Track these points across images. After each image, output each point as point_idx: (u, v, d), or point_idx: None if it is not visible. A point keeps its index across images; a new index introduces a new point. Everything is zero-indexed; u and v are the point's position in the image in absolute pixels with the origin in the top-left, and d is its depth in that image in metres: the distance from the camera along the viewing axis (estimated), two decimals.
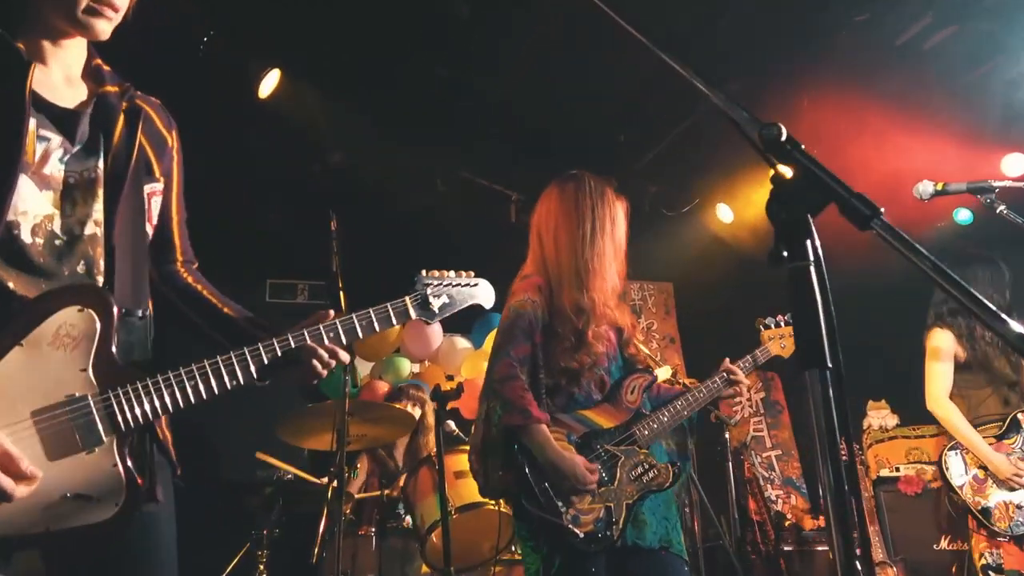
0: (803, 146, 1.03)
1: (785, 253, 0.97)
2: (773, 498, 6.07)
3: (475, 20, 4.33)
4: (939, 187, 2.66)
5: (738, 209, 6.04)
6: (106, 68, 1.51)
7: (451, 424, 4.04)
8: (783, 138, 1.02)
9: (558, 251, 2.57)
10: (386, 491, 4.08)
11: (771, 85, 4.81)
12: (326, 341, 1.50)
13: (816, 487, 6.24)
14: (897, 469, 5.21)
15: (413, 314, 1.67)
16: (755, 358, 2.86)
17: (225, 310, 1.60)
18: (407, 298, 1.67)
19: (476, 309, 1.87)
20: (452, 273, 1.77)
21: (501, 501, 3.67)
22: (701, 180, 5.90)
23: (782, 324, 2.99)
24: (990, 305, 0.90)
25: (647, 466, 2.49)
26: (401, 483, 4.06)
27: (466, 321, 5.47)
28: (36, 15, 1.39)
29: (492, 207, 5.64)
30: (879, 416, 5.77)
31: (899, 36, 4.60)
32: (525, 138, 5.21)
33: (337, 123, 4.69)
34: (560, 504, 2.32)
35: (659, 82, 4.83)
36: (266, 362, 1.43)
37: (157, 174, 1.54)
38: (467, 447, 3.94)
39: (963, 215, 5.37)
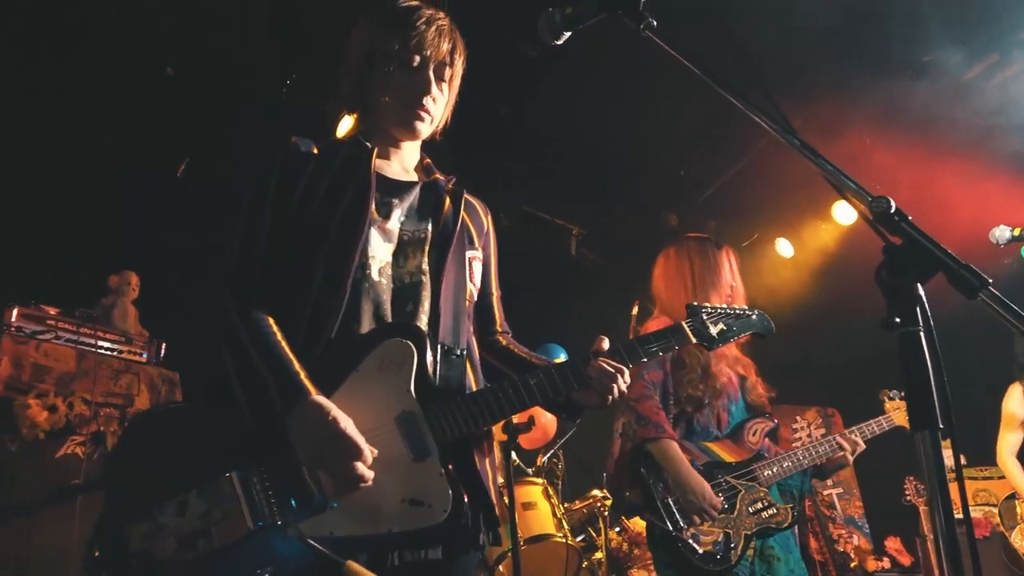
0: (910, 217, 1.10)
1: (897, 319, 1.03)
2: (835, 538, 5.96)
3: (538, 57, 4.46)
4: (1016, 232, 2.67)
5: (798, 243, 6.04)
6: (434, 167, 1.86)
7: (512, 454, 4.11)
8: (892, 210, 1.10)
9: (674, 297, 2.89)
10: None
11: (834, 124, 4.84)
12: (609, 366, 1.65)
13: (879, 527, 6.12)
14: None
15: (692, 339, 1.82)
16: (877, 425, 2.97)
17: (533, 360, 1.81)
18: (683, 323, 1.83)
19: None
20: (724, 305, 1.97)
21: (567, 533, 3.74)
22: (761, 215, 5.91)
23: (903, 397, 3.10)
24: None
25: (766, 503, 2.64)
26: None
27: None
28: (380, 129, 1.76)
29: (554, 240, 5.74)
30: (945, 456, 5.66)
31: (964, 74, 4.60)
32: (586, 173, 5.31)
33: None
34: (682, 521, 2.49)
35: (719, 118, 4.91)
36: (559, 383, 1.61)
37: (477, 244, 1.81)
38: (533, 479, 4.03)
39: None
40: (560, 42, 1.64)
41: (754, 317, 1.97)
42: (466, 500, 1.44)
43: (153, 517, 1.32)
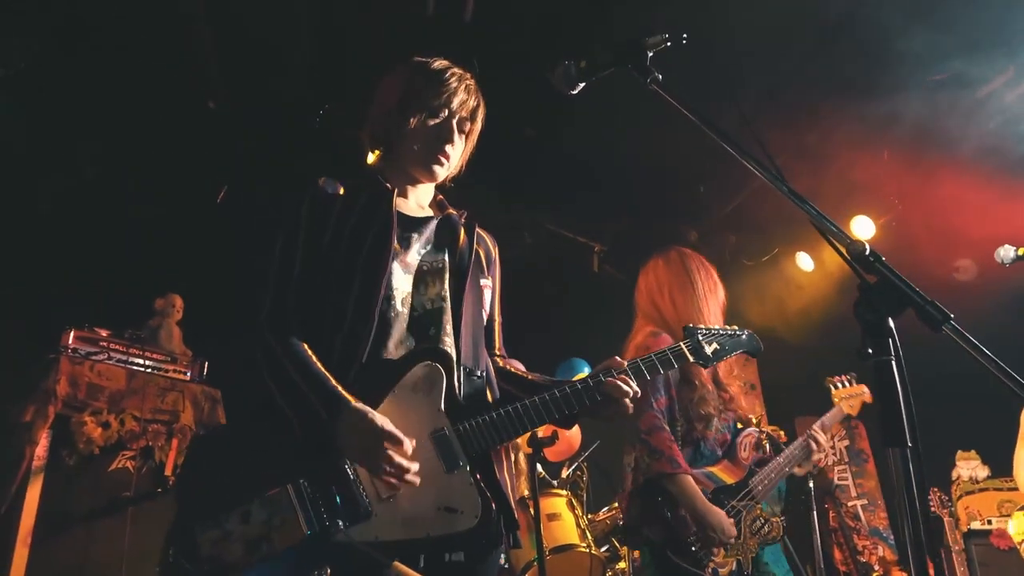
0: (884, 258, 1.24)
1: (870, 350, 1.17)
2: (859, 549, 6.00)
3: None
4: (1021, 252, 2.76)
5: (818, 258, 6.11)
6: (447, 203, 2.02)
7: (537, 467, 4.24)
8: (867, 252, 1.24)
9: (677, 310, 2.87)
10: None
11: (849, 137, 4.93)
12: (622, 384, 1.79)
13: (904, 538, 6.14)
14: (989, 522, 5.12)
15: (690, 358, 1.97)
16: (831, 418, 3.02)
17: (531, 377, 1.96)
18: (682, 344, 1.98)
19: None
20: (717, 326, 2.11)
21: (591, 543, 3.85)
22: (780, 229, 6.00)
23: (848, 384, 3.12)
24: None
25: (763, 520, 2.71)
26: None
27: (549, 367, 5.69)
28: (402, 169, 1.94)
29: (577, 258, 5.88)
30: (969, 467, 5.68)
31: (979, 90, 4.67)
32: (607, 191, 5.45)
33: None
34: (703, 557, 2.52)
35: (738, 134, 4.99)
36: (573, 400, 1.76)
37: (487, 272, 1.98)
38: (557, 491, 4.15)
39: None
40: (575, 92, 1.81)
41: (744, 337, 2.13)
42: (494, 506, 1.61)
43: (221, 525, 1.49)
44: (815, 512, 4.69)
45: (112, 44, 3.98)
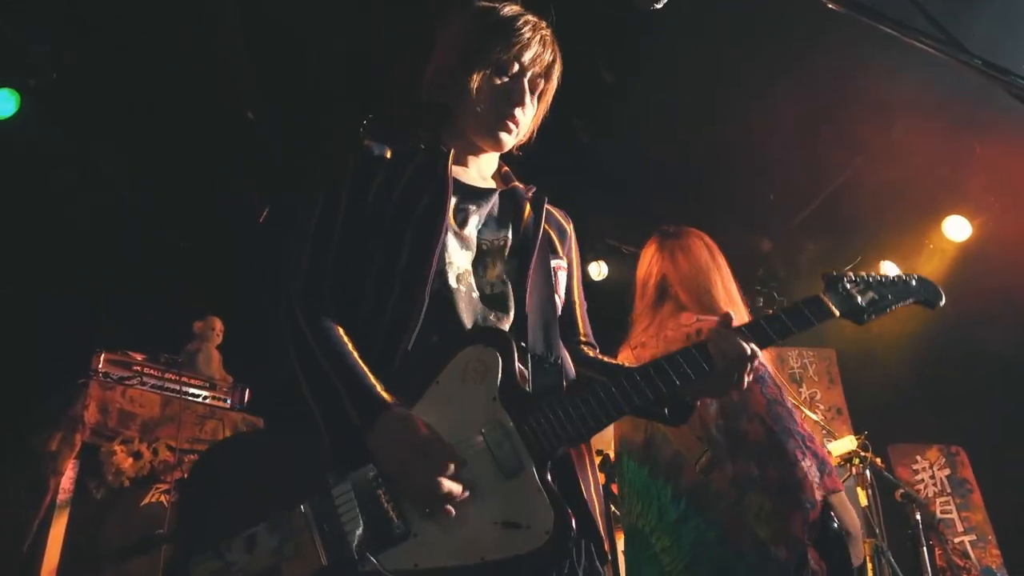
0: None
1: None
2: None
3: (617, 83, 4.34)
4: None
5: (907, 266, 5.60)
6: (512, 175, 1.76)
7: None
8: None
9: (733, 299, 2.35)
10: None
11: (936, 128, 4.49)
12: (735, 344, 1.44)
13: None
14: None
15: (835, 311, 1.54)
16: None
17: (626, 365, 1.63)
18: (822, 294, 1.55)
19: None
20: (866, 273, 1.65)
21: None
22: (861, 236, 5.52)
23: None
24: None
25: None
26: None
27: None
28: (463, 134, 1.65)
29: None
30: None
31: None
32: (672, 202, 5.10)
33: None
34: None
35: (808, 137, 4.65)
36: (687, 368, 1.41)
37: (560, 252, 1.69)
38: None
39: None
40: (660, 6, 1.50)
41: (914, 283, 1.62)
42: (573, 522, 1.23)
43: (221, 555, 1.18)
44: (925, 548, 4.14)
45: (152, 63, 3.85)
